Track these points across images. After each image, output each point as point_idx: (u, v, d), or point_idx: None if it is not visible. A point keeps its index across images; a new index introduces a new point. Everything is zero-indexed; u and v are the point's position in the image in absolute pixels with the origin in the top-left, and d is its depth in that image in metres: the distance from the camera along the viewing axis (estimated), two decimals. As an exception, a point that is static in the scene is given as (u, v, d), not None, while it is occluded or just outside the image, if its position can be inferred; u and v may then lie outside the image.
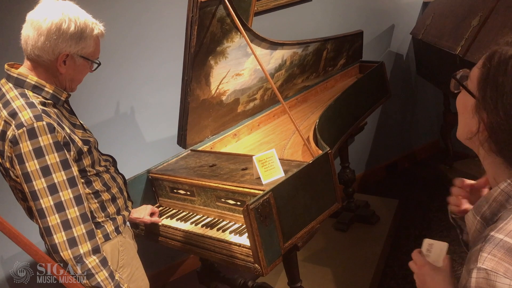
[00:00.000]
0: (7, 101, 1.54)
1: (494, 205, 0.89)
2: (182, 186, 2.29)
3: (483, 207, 0.91)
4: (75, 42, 1.57)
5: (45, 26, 1.51)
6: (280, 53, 2.78)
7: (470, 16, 2.74)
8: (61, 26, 1.52)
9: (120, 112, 3.02)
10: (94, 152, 1.71)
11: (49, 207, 1.48)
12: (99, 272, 1.55)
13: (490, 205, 0.90)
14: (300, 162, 2.16)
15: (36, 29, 1.52)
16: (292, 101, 3.13)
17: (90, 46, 1.62)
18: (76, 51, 1.59)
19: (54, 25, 1.52)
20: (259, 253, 1.82)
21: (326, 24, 3.65)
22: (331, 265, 3.05)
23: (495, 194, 0.89)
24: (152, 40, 3.01)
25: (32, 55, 1.55)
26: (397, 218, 3.50)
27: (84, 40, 1.59)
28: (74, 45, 1.57)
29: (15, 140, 1.46)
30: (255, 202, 1.79)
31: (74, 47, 1.57)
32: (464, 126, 0.97)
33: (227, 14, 2.25)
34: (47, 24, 1.51)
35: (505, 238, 0.82)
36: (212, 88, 2.50)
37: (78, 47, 1.58)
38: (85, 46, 1.60)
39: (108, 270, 1.58)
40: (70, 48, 1.57)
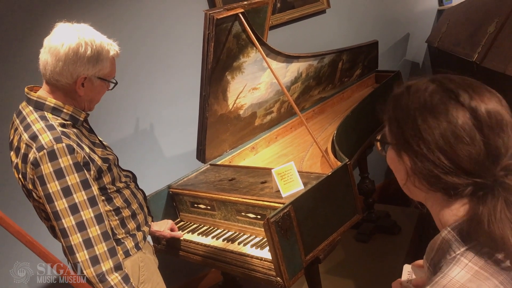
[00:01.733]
0: (27, 124, 1.57)
1: (440, 252, 0.86)
2: (202, 200, 2.31)
3: (430, 254, 0.89)
4: (92, 65, 1.60)
5: (62, 51, 1.54)
6: (295, 66, 2.80)
7: (486, 22, 2.72)
8: (78, 50, 1.55)
9: (140, 129, 3.07)
10: (114, 169, 1.73)
11: (71, 226, 1.51)
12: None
13: (436, 252, 0.87)
14: (319, 174, 2.16)
15: (54, 55, 1.55)
16: (309, 113, 3.14)
17: (107, 67, 1.65)
18: (93, 73, 1.62)
19: (71, 50, 1.55)
20: (281, 267, 1.81)
21: (341, 35, 3.66)
22: (353, 276, 3.02)
23: (438, 242, 0.87)
24: (170, 57, 3.06)
25: (51, 79, 1.59)
26: (418, 227, 3.46)
27: (101, 62, 1.62)
28: (91, 68, 1.60)
29: (36, 163, 1.49)
30: (275, 215, 1.80)
31: (91, 70, 1.60)
32: (399, 179, 0.96)
33: (243, 30, 2.28)
34: (65, 49, 1.54)
35: None
36: (230, 102, 2.52)
37: (96, 69, 1.61)
38: (102, 68, 1.63)
39: (131, 287, 1.60)
40: (88, 71, 1.60)
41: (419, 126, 0.85)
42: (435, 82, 0.89)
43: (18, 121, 1.62)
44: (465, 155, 0.81)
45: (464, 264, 0.80)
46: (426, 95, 0.87)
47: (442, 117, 0.83)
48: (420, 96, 0.88)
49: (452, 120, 0.82)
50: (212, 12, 2.09)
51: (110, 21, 2.82)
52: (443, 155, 0.83)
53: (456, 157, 0.82)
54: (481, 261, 0.80)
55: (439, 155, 0.83)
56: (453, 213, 0.87)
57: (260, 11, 2.46)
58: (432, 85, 0.89)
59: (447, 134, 0.82)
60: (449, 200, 0.87)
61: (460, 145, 0.81)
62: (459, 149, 0.81)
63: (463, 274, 0.79)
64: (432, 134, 0.83)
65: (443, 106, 0.84)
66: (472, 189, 0.83)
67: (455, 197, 0.86)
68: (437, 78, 0.90)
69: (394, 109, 0.92)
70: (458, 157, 0.82)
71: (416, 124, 0.85)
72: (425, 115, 0.85)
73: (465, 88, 0.86)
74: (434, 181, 0.85)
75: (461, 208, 0.86)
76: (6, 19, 2.59)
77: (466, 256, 0.81)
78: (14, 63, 2.61)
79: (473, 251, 0.81)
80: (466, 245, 0.82)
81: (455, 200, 0.86)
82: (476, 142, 0.81)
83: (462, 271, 0.80)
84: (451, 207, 0.87)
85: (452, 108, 0.83)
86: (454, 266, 0.81)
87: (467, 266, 0.80)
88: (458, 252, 0.82)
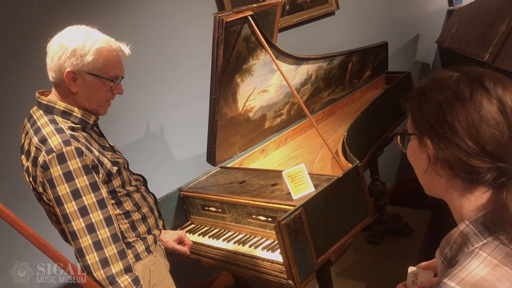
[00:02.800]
0: (37, 128, 1.58)
1: (455, 246, 0.85)
2: (213, 203, 2.31)
3: (445, 248, 0.88)
4: (77, 58, 1.56)
5: (52, 47, 1.58)
6: (305, 68, 2.79)
7: (497, 22, 2.70)
8: (63, 43, 1.57)
9: (150, 132, 3.08)
10: (124, 173, 1.73)
11: (81, 229, 1.52)
12: None
13: (451, 247, 0.86)
14: (330, 176, 2.15)
15: (48, 52, 1.60)
16: (318, 115, 3.13)
17: (97, 62, 1.59)
18: (80, 67, 1.58)
19: (59, 44, 1.57)
20: (292, 269, 1.81)
21: (350, 37, 3.65)
22: (365, 279, 3.00)
23: (455, 236, 0.86)
24: (178, 60, 3.07)
25: (50, 78, 1.62)
26: (430, 229, 3.43)
27: (87, 55, 1.57)
28: (75, 60, 1.56)
29: (46, 166, 1.50)
30: (286, 218, 1.79)
31: (76, 63, 1.57)
32: (419, 169, 0.95)
33: (252, 33, 2.28)
34: (54, 45, 1.58)
35: (456, 287, 0.78)
36: (239, 105, 2.52)
37: (82, 63, 1.57)
38: (91, 62, 1.58)
39: None
40: (73, 65, 1.57)
41: (444, 110, 0.86)
42: (460, 71, 0.90)
43: (29, 125, 1.64)
44: (489, 137, 0.82)
45: (483, 257, 0.80)
46: (450, 82, 0.88)
47: (467, 101, 0.85)
48: (445, 84, 0.89)
49: (477, 103, 0.84)
50: (222, 15, 2.10)
51: (120, 25, 2.84)
52: (468, 137, 0.83)
53: (480, 139, 0.83)
54: (501, 254, 0.80)
55: (463, 137, 0.84)
56: (474, 202, 0.87)
57: (269, 13, 2.46)
58: (456, 73, 0.90)
59: (472, 116, 0.83)
60: (470, 188, 0.87)
61: (485, 127, 0.83)
62: (484, 130, 0.82)
63: (482, 268, 0.79)
64: (456, 117, 0.84)
65: (468, 91, 0.85)
66: (495, 175, 0.83)
67: (476, 184, 0.86)
68: (461, 68, 0.91)
69: (419, 97, 0.93)
70: (482, 138, 0.82)
71: (441, 108, 0.87)
72: (450, 99, 0.86)
73: (490, 76, 0.87)
74: (457, 165, 0.85)
75: (482, 195, 0.86)
76: (17, 23, 2.62)
77: (485, 250, 0.81)
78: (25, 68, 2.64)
79: (492, 245, 0.81)
80: (485, 239, 0.82)
81: (476, 187, 0.86)
82: (500, 124, 0.82)
83: (481, 264, 0.79)
84: (473, 195, 0.87)
85: (477, 93, 0.85)
86: (472, 260, 0.80)
87: (486, 259, 0.80)
88: (476, 246, 0.82)
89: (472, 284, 0.77)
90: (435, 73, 0.94)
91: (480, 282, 0.77)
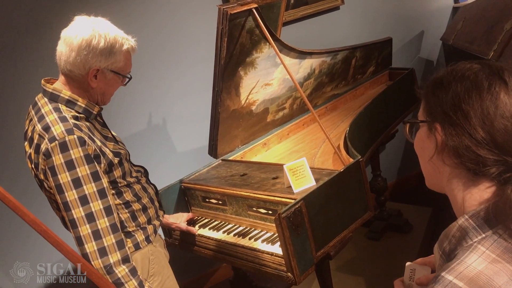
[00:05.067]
0: (41, 115, 1.60)
1: (453, 241, 0.85)
2: (214, 195, 2.31)
3: (444, 242, 0.88)
4: (105, 57, 1.61)
5: (76, 42, 1.57)
6: (308, 62, 2.79)
7: (502, 20, 2.69)
8: (91, 42, 1.58)
9: (152, 124, 3.08)
10: (125, 164, 1.75)
11: (80, 217, 1.53)
12: (128, 281, 1.58)
13: (450, 241, 0.86)
14: (331, 170, 2.15)
15: (68, 45, 1.58)
16: (321, 110, 3.13)
17: (120, 61, 1.67)
18: (106, 65, 1.63)
19: (85, 41, 1.57)
20: (291, 262, 1.82)
21: (354, 32, 3.64)
22: (364, 274, 3.01)
23: (454, 230, 0.86)
24: (181, 52, 3.07)
25: (65, 70, 1.62)
26: (430, 226, 3.43)
27: (114, 55, 1.63)
28: (104, 60, 1.61)
29: (48, 153, 1.51)
30: (287, 210, 1.80)
31: (104, 62, 1.62)
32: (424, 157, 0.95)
33: (256, 25, 2.28)
34: (78, 40, 1.57)
35: (454, 280, 0.78)
36: (242, 98, 2.52)
37: (108, 62, 1.63)
38: (115, 61, 1.65)
39: (138, 280, 1.61)
40: (100, 63, 1.61)
41: (460, 97, 0.86)
42: (480, 64, 0.91)
43: (33, 112, 1.65)
44: (502, 129, 0.83)
45: (481, 251, 0.80)
46: (470, 72, 0.89)
47: (484, 91, 0.85)
48: (464, 73, 0.89)
49: (494, 95, 0.84)
50: (226, 7, 2.09)
51: (122, 16, 2.83)
52: (480, 126, 0.84)
53: (492, 129, 0.83)
54: (499, 249, 0.80)
55: (475, 126, 0.84)
56: (477, 196, 0.87)
57: (273, 6, 2.45)
58: (477, 65, 0.90)
59: (487, 106, 0.84)
60: (474, 180, 0.87)
61: (499, 119, 0.83)
62: (497, 122, 0.83)
63: (480, 261, 0.79)
64: (472, 105, 0.85)
65: (486, 82, 0.86)
66: (500, 170, 0.84)
67: (481, 176, 0.86)
68: (481, 61, 0.91)
69: (435, 85, 0.93)
70: (495, 129, 0.83)
71: (457, 96, 0.87)
72: (467, 88, 0.86)
73: (510, 70, 0.87)
74: (464, 154, 0.86)
75: (486, 190, 0.86)
76: (23, 13, 2.62)
77: (483, 244, 0.81)
78: (31, 56, 2.65)
79: (490, 239, 0.81)
80: (484, 233, 0.82)
81: (480, 181, 0.86)
82: None
83: (479, 258, 0.80)
84: (476, 187, 0.87)
85: (495, 84, 0.85)
86: (471, 253, 0.81)
87: (485, 253, 0.80)
88: (475, 240, 0.82)
89: (469, 277, 0.77)
90: (454, 64, 0.94)
91: (478, 275, 0.77)
